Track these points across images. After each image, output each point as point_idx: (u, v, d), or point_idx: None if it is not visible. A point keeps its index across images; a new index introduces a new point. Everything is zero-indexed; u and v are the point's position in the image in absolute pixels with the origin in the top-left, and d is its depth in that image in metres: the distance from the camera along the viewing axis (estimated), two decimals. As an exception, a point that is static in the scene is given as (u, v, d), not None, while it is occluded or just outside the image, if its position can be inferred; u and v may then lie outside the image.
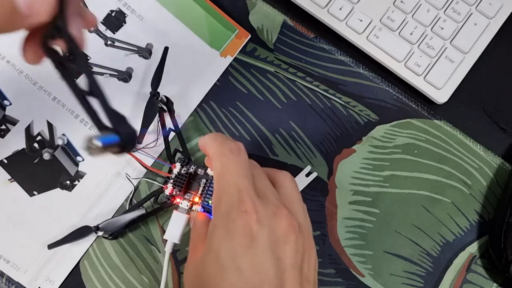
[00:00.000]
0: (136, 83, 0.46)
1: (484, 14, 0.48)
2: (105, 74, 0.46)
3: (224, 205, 0.30)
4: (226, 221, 0.30)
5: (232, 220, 0.29)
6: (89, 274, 0.43)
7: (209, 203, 0.40)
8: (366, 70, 0.49)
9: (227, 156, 0.32)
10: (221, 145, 0.33)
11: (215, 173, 0.32)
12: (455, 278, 0.45)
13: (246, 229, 0.29)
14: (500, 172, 0.47)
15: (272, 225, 0.30)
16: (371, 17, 0.48)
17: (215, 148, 0.33)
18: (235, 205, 0.30)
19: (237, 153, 0.32)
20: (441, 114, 0.48)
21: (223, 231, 0.29)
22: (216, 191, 0.31)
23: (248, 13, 0.50)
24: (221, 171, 0.32)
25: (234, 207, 0.30)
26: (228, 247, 0.29)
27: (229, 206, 0.30)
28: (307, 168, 0.46)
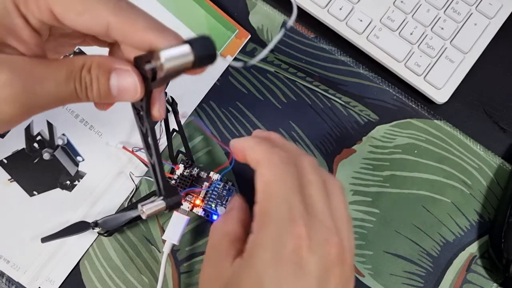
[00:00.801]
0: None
1: (484, 14, 0.48)
2: (105, 74, 0.46)
3: (273, 223, 0.27)
4: (274, 243, 0.27)
5: (282, 244, 0.26)
6: (89, 274, 0.43)
7: (211, 206, 0.40)
8: (366, 70, 0.49)
9: (278, 166, 0.28)
10: (270, 152, 0.29)
11: (260, 182, 0.29)
12: (455, 278, 0.45)
13: (296, 256, 0.26)
14: (500, 172, 0.47)
15: (323, 253, 0.27)
16: (371, 17, 0.48)
17: (262, 154, 0.29)
18: (286, 226, 0.27)
19: (287, 163, 0.29)
20: (441, 114, 0.48)
21: (270, 254, 0.26)
22: (262, 204, 0.28)
23: (248, 13, 0.50)
24: (270, 182, 0.28)
25: (285, 228, 0.27)
26: (274, 273, 0.26)
27: (279, 226, 0.27)
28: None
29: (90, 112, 0.45)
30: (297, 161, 0.30)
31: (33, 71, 0.24)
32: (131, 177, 0.44)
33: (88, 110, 0.45)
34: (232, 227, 0.30)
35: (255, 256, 0.27)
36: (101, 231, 0.41)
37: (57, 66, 0.25)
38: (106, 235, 0.42)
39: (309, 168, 0.30)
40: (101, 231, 0.41)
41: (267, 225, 0.27)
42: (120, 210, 0.43)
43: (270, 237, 0.27)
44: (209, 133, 0.45)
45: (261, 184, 0.28)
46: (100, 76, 0.26)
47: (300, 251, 0.26)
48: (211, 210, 0.40)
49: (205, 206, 0.40)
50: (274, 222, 0.27)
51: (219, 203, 0.40)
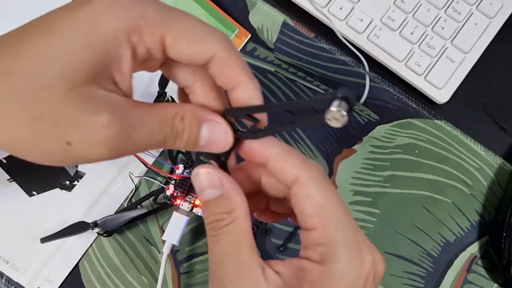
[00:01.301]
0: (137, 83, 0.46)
1: (484, 14, 0.48)
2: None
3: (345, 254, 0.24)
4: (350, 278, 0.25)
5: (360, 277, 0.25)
6: (89, 274, 0.42)
7: None
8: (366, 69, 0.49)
9: (323, 184, 0.25)
10: (308, 166, 0.26)
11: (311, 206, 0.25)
12: (456, 279, 0.45)
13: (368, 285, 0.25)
14: (500, 172, 0.47)
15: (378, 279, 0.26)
16: (372, 16, 0.48)
17: (301, 170, 0.25)
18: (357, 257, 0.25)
19: (326, 177, 0.26)
20: (441, 114, 0.48)
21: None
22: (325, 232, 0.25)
23: (248, 12, 0.50)
24: (325, 207, 0.25)
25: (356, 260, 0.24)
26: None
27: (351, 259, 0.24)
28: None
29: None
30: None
31: (130, 115, 0.23)
32: (130, 177, 0.44)
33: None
34: (247, 222, 0.26)
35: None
36: (101, 231, 0.41)
37: (151, 112, 0.24)
38: (106, 235, 0.42)
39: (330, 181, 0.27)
40: (100, 232, 0.41)
41: (339, 258, 0.24)
42: (120, 210, 0.43)
43: (346, 272, 0.24)
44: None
45: (313, 208, 0.25)
46: (192, 126, 0.25)
47: (370, 280, 0.25)
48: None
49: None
50: (345, 253, 0.24)
51: None
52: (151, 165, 0.43)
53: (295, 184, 0.25)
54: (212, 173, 0.26)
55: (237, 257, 0.25)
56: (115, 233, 0.43)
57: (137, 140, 0.24)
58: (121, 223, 0.41)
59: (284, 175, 0.25)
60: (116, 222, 0.41)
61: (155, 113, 0.24)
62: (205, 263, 0.44)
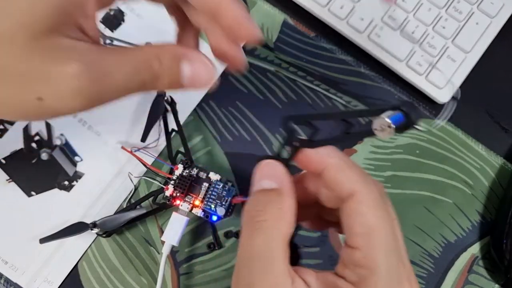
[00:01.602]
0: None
1: (485, 13, 0.48)
2: (104, 73, 0.46)
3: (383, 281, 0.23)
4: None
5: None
6: (88, 275, 0.42)
7: (211, 207, 0.40)
8: (367, 69, 0.49)
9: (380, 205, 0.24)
10: (367, 182, 0.24)
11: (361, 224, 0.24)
12: (457, 279, 0.45)
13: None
14: (502, 172, 0.47)
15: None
16: (372, 15, 0.48)
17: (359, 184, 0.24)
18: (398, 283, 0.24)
19: (385, 200, 0.25)
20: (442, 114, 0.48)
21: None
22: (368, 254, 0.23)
23: (248, 12, 0.49)
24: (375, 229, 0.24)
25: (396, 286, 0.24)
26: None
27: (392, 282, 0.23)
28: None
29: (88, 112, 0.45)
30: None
31: (101, 62, 0.22)
32: (129, 177, 0.44)
33: (87, 109, 0.45)
34: (290, 230, 0.24)
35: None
36: (100, 232, 0.41)
37: (124, 56, 0.23)
38: (105, 236, 0.42)
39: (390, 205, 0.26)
40: (99, 232, 0.41)
41: (376, 282, 0.23)
42: (119, 210, 0.43)
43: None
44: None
45: (363, 227, 0.24)
46: (172, 67, 0.24)
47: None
48: (210, 210, 0.40)
49: (205, 206, 0.40)
50: (384, 279, 0.23)
51: (219, 203, 0.40)
52: (151, 165, 0.43)
53: (350, 198, 0.24)
54: (278, 167, 0.25)
55: (268, 261, 0.23)
56: (114, 233, 0.43)
57: (112, 88, 0.23)
58: (120, 224, 0.41)
59: (340, 187, 0.24)
60: (115, 223, 0.41)
61: (129, 57, 0.23)
62: (205, 264, 0.43)
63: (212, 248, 0.43)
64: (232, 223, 0.44)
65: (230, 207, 0.40)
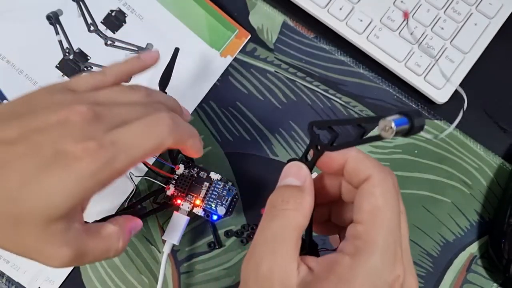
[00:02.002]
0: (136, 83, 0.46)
1: (484, 14, 0.48)
2: (105, 74, 0.46)
3: (378, 254, 0.25)
4: (375, 276, 0.24)
5: (382, 281, 0.25)
6: (89, 274, 0.42)
7: (211, 206, 0.40)
8: (366, 70, 0.49)
9: (390, 191, 0.26)
10: (384, 172, 0.27)
11: (369, 202, 0.26)
12: (455, 279, 0.45)
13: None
14: (500, 172, 0.47)
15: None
16: (371, 17, 0.48)
17: (376, 171, 0.27)
18: (390, 264, 0.25)
19: (397, 190, 0.27)
20: (441, 114, 0.48)
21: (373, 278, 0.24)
22: (369, 228, 0.25)
23: (248, 13, 0.50)
24: (381, 208, 0.26)
25: (388, 265, 0.25)
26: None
27: (384, 260, 0.25)
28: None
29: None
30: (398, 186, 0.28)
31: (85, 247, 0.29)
32: (130, 177, 0.44)
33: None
34: (305, 222, 0.27)
35: (351, 282, 0.24)
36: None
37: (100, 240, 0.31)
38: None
39: (401, 198, 0.28)
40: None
41: (370, 256, 0.25)
42: (120, 210, 0.43)
43: (372, 271, 0.24)
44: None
45: (370, 206, 0.26)
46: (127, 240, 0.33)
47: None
48: (211, 210, 0.40)
49: (205, 206, 0.40)
50: (379, 255, 0.25)
51: (219, 203, 0.40)
52: (152, 165, 0.43)
53: (365, 181, 0.26)
54: (303, 168, 0.28)
55: (280, 244, 0.26)
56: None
57: (87, 262, 0.30)
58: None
59: (358, 174, 0.27)
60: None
61: (101, 240, 0.31)
62: (205, 262, 0.44)
63: (212, 247, 0.44)
64: (233, 223, 0.44)
65: (230, 206, 0.41)
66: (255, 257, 0.26)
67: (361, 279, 0.24)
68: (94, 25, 0.47)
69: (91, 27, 0.47)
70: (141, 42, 0.47)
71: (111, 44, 0.47)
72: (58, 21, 0.46)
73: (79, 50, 0.46)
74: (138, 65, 0.36)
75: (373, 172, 0.26)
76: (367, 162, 0.27)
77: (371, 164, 0.27)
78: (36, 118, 0.28)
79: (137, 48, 0.47)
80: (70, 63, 0.46)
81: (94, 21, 0.47)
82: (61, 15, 0.47)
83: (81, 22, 0.47)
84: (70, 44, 0.46)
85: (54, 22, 0.46)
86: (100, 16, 0.47)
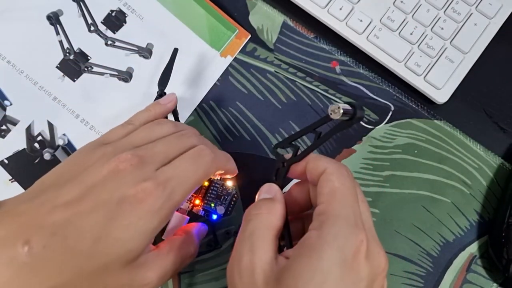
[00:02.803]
0: (136, 83, 0.46)
1: (484, 14, 0.48)
2: (106, 74, 0.46)
3: (340, 223, 0.28)
4: (340, 242, 0.28)
5: (347, 245, 0.28)
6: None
7: (211, 206, 0.40)
8: (366, 70, 0.49)
9: (345, 176, 0.31)
10: (338, 164, 0.32)
11: (327, 186, 0.30)
12: (455, 278, 0.45)
13: (355, 261, 0.28)
14: (500, 172, 0.47)
15: (375, 263, 0.29)
16: (371, 17, 0.48)
17: (331, 164, 0.31)
18: (352, 229, 0.28)
19: (352, 177, 0.31)
20: (441, 114, 0.48)
21: (337, 254, 0.27)
22: (329, 205, 0.30)
23: (248, 13, 0.50)
24: (338, 188, 0.30)
25: (350, 231, 0.28)
26: (339, 275, 0.27)
27: (346, 227, 0.28)
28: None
29: (90, 112, 0.45)
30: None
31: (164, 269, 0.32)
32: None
33: (89, 110, 0.45)
34: (278, 223, 0.31)
35: (321, 252, 0.27)
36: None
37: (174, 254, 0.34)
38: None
39: (359, 187, 0.33)
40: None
41: (333, 224, 0.28)
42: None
43: (337, 236, 0.28)
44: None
45: (328, 188, 0.30)
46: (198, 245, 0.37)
47: (359, 256, 0.28)
48: (210, 209, 0.40)
49: (205, 205, 0.41)
50: (341, 223, 0.28)
51: (219, 202, 0.40)
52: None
53: (323, 174, 0.31)
54: (273, 185, 0.34)
55: (258, 240, 0.30)
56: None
57: (172, 274, 0.33)
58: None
59: (317, 169, 0.31)
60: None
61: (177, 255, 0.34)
62: (205, 262, 0.44)
63: (212, 247, 0.44)
64: (232, 222, 0.44)
65: (230, 205, 0.41)
66: (236, 255, 0.30)
67: (329, 244, 0.27)
68: (94, 25, 0.47)
69: (92, 27, 0.47)
70: (142, 42, 0.47)
71: (112, 44, 0.47)
72: (58, 21, 0.46)
73: (80, 50, 0.46)
74: (160, 111, 0.39)
75: (329, 165, 0.31)
76: (323, 158, 0.32)
77: (326, 159, 0.32)
78: (89, 175, 0.30)
79: (137, 48, 0.47)
80: (71, 63, 0.46)
81: (94, 21, 0.47)
82: (62, 15, 0.47)
83: (81, 22, 0.47)
84: (70, 44, 0.46)
85: (55, 22, 0.46)
86: (101, 16, 0.47)
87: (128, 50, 0.47)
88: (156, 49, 0.47)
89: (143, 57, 0.47)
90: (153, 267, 0.31)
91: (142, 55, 0.47)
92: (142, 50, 0.47)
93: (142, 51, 0.47)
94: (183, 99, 0.46)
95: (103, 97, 0.46)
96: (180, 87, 0.47)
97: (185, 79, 0.47)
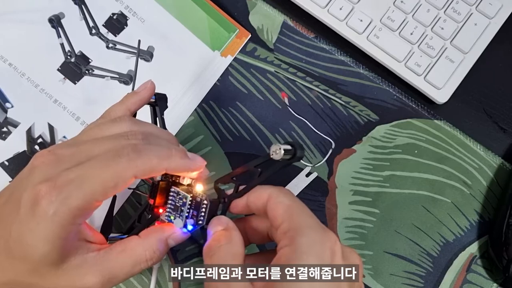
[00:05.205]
0: (137, 85, 0.47)
1: (484, 14, 0.48)
2: (106, 76, 0.46)
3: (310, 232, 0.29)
4: (317, 248, 0.28)
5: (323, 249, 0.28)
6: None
7: (171, 218, 0.35)
8: (366, 70, 0.49)
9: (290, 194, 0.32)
10: (276, 187, 0.32)
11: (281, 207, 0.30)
12: (455, 278, 0.45)
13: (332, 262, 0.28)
14: (500, 172, 0.47)
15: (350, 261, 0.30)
16: (371, 17, 0.48)
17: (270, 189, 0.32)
18: (322, 233, 0.29)
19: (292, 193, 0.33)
20: (441, 114, 0.48)
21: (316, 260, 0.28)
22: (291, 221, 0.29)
23: (248, 13, 0.50)
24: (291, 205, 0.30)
25: (321, 235, 0.29)
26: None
27: (316, 233, 0.29)
28: (307, 168, 0.46)
29: (91, 114, 0.45)
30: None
31: (109, 270, 0.30)
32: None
33: (90, 112, 0.46)
34: (240, 250, 0.31)
35: (301, 262, 0.27)
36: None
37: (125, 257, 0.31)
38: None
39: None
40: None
41: (303, 235, 0.28)
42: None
43: (311, 244, 0.28)
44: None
45: (282, 208, 0.30)
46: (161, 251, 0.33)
47: (336, 258, 0.28)
48: (172, 222, 0.34)
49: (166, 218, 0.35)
50: (310, 232, 0.28)
51: (177, 215, 0.34)
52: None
53: (269, 200, 0.31)
54: (222, 217, 0.33)
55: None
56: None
57: (118, 282, 0.31)
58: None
59: (260, 198, 0.32)
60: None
61: (127, 256, 0.31)
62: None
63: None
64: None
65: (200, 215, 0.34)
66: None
67: (307, 253, 0.27)
68: (95, 28, 0.47)
69: (93, 30, 0.47)
70: (143, 45, 0.47)
71: (113, 47, 0.47)
72: (60, 24, 0.47)
73: (81, 53, 0.47)
74: (134, 101, 0.36)
75: (270, 190, 0.31)
76: (264, 187, 0.32)
77: (267, 187, 0.32)
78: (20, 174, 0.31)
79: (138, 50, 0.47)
80: (72, 66, 0.46)
81: (95, 24, 0.47)
82: (63, 18, 0.47)
83: (82, 25, 0.47)
84: (72, 47, 0.47)
85: (56, 25, 0.47)
86: (102, 19, 0.48)
87: (129, 53, 0.47)
88: (157, 52, 0.47)
89: (144, 59, 0.47)
90: (91, 270, 0.29)
91: (143, 58, 0.47)
92: (143, 53, 0.47)
93: (143, 54, 0.47)
94: (183, 99, 0.47)
95: (104, 99, 0.46)
96: (180, 87, 0.47)
97: (185, 79, 0.47)
